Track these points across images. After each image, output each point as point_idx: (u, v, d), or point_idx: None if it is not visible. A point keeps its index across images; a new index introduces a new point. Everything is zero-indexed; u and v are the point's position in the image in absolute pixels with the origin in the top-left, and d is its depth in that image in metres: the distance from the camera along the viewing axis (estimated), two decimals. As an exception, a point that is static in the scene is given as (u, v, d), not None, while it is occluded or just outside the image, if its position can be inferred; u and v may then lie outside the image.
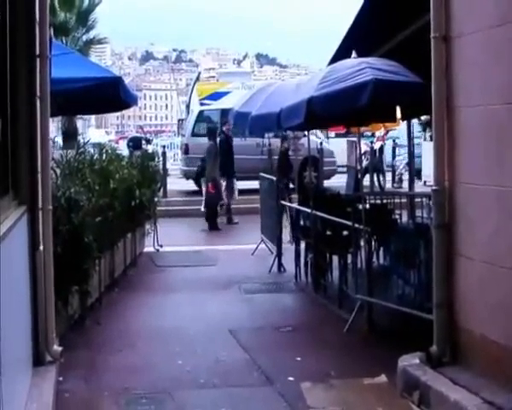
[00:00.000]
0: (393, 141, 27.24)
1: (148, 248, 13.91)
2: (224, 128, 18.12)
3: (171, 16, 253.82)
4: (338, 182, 22.07)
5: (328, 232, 10.25)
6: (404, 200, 10.84)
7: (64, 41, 22.45)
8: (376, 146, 24.69)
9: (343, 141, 23.39)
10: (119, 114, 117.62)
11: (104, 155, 11.60)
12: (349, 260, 9.69)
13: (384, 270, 8.98)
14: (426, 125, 23.89)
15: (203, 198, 17.84)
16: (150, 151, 17.60)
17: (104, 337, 8.27)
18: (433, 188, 6.50)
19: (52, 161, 8.09)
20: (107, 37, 28.65)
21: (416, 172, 16.30)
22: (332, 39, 12.87)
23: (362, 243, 8.80)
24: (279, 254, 11.99)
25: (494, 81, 5.81)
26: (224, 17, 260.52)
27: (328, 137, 26.45)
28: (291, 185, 18.90)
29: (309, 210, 10.48)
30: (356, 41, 9.19)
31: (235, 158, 21.22)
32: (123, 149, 23.40)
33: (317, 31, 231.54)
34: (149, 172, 13.70)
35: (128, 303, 9.95)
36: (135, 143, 31.69)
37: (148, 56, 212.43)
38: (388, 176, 24.73)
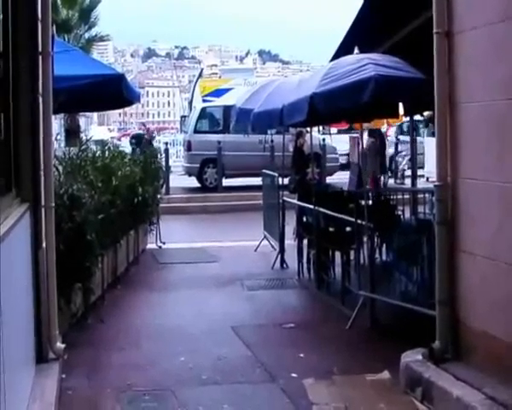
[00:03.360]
0: (396, 137, 27.24)
1: (151, 245, 13.90)
2: None
3: (174, 13, 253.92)
4: (340, 178, 22.05)
5: (331, 229, 10.24)
6: (406, 196, 10.82)
7: (66, 38, 22.45)
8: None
9: (346, 137, 23.40)
10: (121, 111, 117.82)
11: (107, 153, 11.62)
12: (352, 257, 9.70)
13: (387, 266, 8.97)
14: (428, 121, 23.88)
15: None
16: (153, 148, 17.61)
17: (107, 335, 8.27)
18: (436, 184, 6.49)
19: (54, 158, 8.10)
20: (110, 34, 28.63)
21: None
22: (334, 36, 12.86)
23: (364, 240, 8.80)
24: (282, 251, 11.99)
25: (496, 77, 5.80)
26: (227, 14, 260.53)
27: (330, 134, 26.45)
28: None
29: (311, 206, 10.48)
30: (358, 37, 9.18)
31: (236, 155, 21.29)
32: (125, 146, 23.40)
33: (319, 27, 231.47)
34: (152, 169, 13.69)
35: (131, 300, 9.96)
36: (138, 140, 31.73)
37: (150, 53, 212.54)
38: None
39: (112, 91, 10.44)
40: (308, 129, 14.11)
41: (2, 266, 4.30)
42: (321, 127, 25.32)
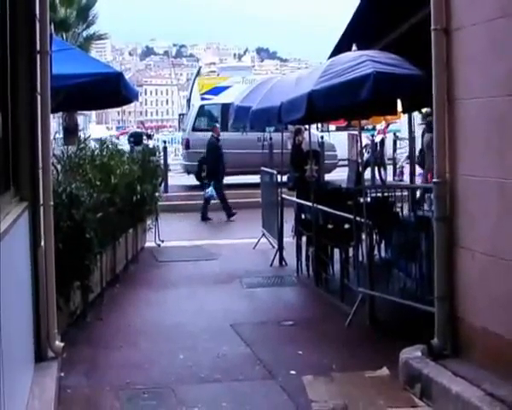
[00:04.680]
0: (394, 134, 27.22)
1: (150, 244, 13.91)
2: None
3: (172, 11, 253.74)
4: (339, 175, 22.05)
5: (330, 226, 10.25)
6: (405, 193, 10.82)
7: (64, 37, 22.39)
8: (377, 139, 24.66)
9: (344, 134, 23.37)
10: (119, 109, 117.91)
11: (105, 151, 11.62)
12: (350, 254, 9.70)
13: (385, 263, 8.98)
14: (427, 118, 23.85)
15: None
16: (151, 146, 17.62)
17: (106, 333, 8.27)
18: (434, 180, 6.50)
19: (53, 157, 8.10)
20: (108, 32, 28.58)
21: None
22: (333, 33, 12.85)
23: (363, 237, 8.80)
24: (280, 248, 11.99)
25: (495, 73, 5.80)
26: (225, 12, 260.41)
27: (328, 131, 26.46)
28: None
29: (310, 204, 10.48)
30: (356, 34, 9.17)
31: (234, 152, 21.31)
32: (124, 144, 23.38)
33: (317, 25, 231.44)
34: (150, 167, 13.70)
35: (129, 299, 9.96)
36: (136, 139, 31.69)
37: (148, 52, 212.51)
38: (389, 169, 24.68)
39: (110, 90, 10.42)
40: (307, 126, 14.09)
41: (1, 265, 4.30)
42: (319, 125, 25.33)
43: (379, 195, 10.47)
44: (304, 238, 11.24)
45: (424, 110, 17.94)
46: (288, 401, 6.24)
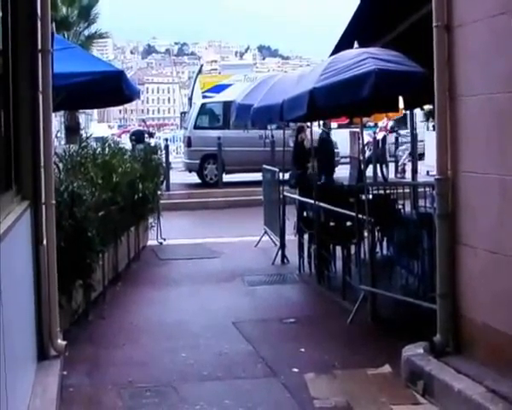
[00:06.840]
0: (396, 131, 27.19)
1: (152, 242, 13.91)
2: None
3: (173, 9, 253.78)
4: (341, 173, 22.02)
5: (332, 223, 10.25)
6: (407, 190, 10.81)
7: (66, 36, 22.44)
8: (379, 136, 24.64)
9: (346, 132, 23.36)
10: (121, 107, 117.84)
11: (107, 149, 11.62)
12: (352, 251, 9.70)
13: (387, 260, 8.97)
14: (429, 115, 23.85)
15: None
16: (153, 145, 17.63)
17: (108, 331, 8.28)
18: (436, 177, 6.49)
19: (55, 155, 8.10)
20: (109, 31, 28.63)
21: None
22: (334, 30, 12.85)
23: (365, 234, 8.80)
24: (282, 246, 11.99)
25: (496, 70, 5.80)
26: (226, 9, 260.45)
27: (330, 128, 26.44)
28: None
29: (312, 201, 10.48)
30: (358, 31, 9.16)
31: (236, 150, 21.31)
32: (125, 142, 23.41)
33: (319, 22, 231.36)
34: (152, 165, 13.70)
35: (131, 297, 9.97)
36: (138, 137, 31.73)
37: (150, 50, 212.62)
38: (391, 166, 24.67)
39: (112, 88, 10.42)
40: (308, 124, 14.09)
41: (3, 264, 4.30)
42: (321, 122, 25.31)
43: (381, 192, 10.46)
44: (306, 236, 11.24)
45: (426, 107, 17.97)
46: (290, 399, 6.24)
